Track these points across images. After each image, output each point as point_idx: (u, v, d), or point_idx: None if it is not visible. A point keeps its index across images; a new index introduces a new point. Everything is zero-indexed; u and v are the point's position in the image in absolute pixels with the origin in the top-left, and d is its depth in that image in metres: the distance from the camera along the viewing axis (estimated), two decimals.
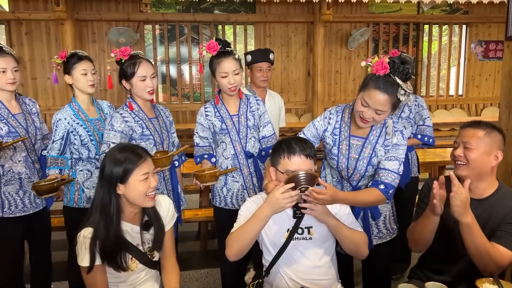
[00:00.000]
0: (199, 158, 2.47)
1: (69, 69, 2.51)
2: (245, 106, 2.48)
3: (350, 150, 2.04)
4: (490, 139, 1.73)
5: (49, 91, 6.95)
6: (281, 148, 1.75)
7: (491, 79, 8.21)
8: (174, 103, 7.43)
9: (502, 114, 2.59)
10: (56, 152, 2.47)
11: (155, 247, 1.79)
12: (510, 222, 1.70)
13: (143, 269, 1.78)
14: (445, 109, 8.08)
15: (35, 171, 2.51)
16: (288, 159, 1.71)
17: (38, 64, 6.84)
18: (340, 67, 7.74)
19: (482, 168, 1.74)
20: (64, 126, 2.46)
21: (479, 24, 7.98)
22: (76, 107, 2.53)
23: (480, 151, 1.73)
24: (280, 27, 7.43)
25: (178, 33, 7.20)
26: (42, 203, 2.56)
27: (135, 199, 1.67)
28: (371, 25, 7.65)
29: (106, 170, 1.64)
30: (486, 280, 1.54)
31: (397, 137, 2.00)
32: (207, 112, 2.45)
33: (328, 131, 2.09)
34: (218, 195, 2.50)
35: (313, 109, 7.25)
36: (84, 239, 1.64)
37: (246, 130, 2.44)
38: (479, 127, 1.76)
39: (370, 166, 2.02)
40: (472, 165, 1.73)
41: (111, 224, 1.65)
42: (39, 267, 2.69)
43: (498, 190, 1.78)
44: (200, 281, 3.21)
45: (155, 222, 1.78)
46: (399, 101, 1.84)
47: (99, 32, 6.95)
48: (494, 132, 1.75)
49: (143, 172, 1.65)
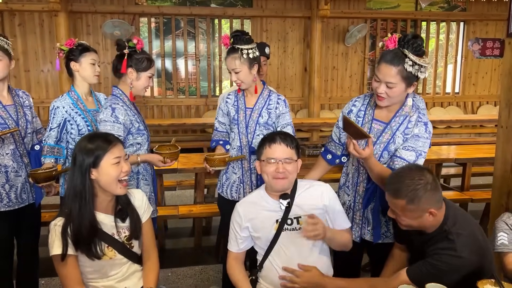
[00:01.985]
0: (215, 142, 2.53)
1: (77, 56, 2.48)
2: (263, 102, 2.43)
3: (370, 133, 1.96)
4: (414, 206, 1.58)
5: (42, 83, 6.86)
6: (264, 139, 1.87)
7: (487, 77, 8.21)
8: (169, 97, 7.36)
9: (502, 112, 2.56)
10: (53, 141, 2.45)
11: (133, 236, 1.77)
12: (428, 261, 1.62)
13: (124, 262, 1.76)
14: (441, 107, 8.07)
15: (22, 165, 2.45)
16: (269, 148, 1.81)
17: (31, 56, 6.74)
18: (337, 63, 7.70)
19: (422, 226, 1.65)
20: (62, 115, 2.45)
21: (477, 22, 7.96)
22: (75, 96, 2.50)
23: (410, 218, 1.62)
24: (277, 22, 7.37)
25: (174, 26, 7.11)
26: (29, 198, 2.49)
27: (107, 185, 1.67)
28: (368, 21, 7.61)
29: (77, 158, 1.66)
30: (488, 282, 1.51)
31: (419, 128, 1.92)
32: (228, 98, 2.50)
33: (352, 113, 2.06)
34: (220, 180, 2.54)
35: (309, 105, 7.21)
36: (55, 226, 1.64)
37: (255, 126, 2.41)
38: (399, 196, 1.60)
39: (386, 152, 1.95)
40: (410, 227, 1.67)
41: (85, 209, 1.64)
42: (26, 265, 2.61)
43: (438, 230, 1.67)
44: (194, 278, 3.17)
45: (129, 211, 1.78)
46: (410, 73, 1.79)
47: (94, 25, 6.86)
48: (416, 196, 1.57)
49: (114, 156, 1.67)
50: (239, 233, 1.88)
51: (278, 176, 1.78)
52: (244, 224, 1.87)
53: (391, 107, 1.94)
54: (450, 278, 1.57)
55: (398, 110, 1.93)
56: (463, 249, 1.58)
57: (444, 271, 1.58)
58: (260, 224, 1.84)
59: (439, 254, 1.60)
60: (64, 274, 1.64)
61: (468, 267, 1.59)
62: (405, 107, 1.93)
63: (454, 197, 3.75)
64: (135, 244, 1.79)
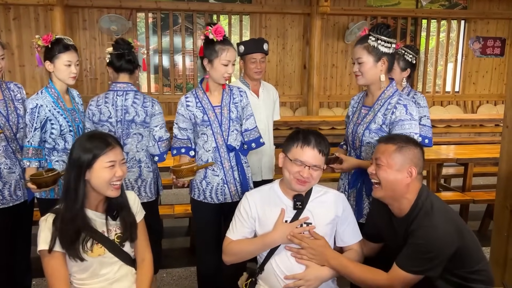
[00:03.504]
0: (176, 150, 2.41)
1: (52, 56, 2.37)
2: (228, 98, 2.39)
3: (358, 117, 2.17)
4: (400, 155, 1.65)
5: (37, 78, 6.75)
6: (298, 136, 1.74)
7: (488, 76, 8.15)
8: (167, 93, 7.27)
9: (508, 112, 2.49)
10: (37, 142, 2.36)
11: (126, 237, 1.73)
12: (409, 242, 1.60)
13: (115, 261, 1.70)
14: (441, 106, 8.01)
15: (16, 161, 2.38)
16: (301, 149, 1.71)
17: (26, 51, 6.63)
18: (337, 60, 7.63)
19: (396, 187, 1.65)
20: (45, 113, 2.35)
21: (478, 20, 7.89)
22: (56, 94, 2.40)
23: (391, 168, 1.64)
24: (277, 19, 7.29)
25: (172, 22, 7.02)
26: (24, 195, 2.43)
27: (99, 187, 1.64)
28: (368, 19, 7.53)
29: (74, 156, 1.63)
30: None
31: (400, 110, 2.03)
32: (188, 102, 2.37)
33: (351, 105, 2.32)
34: (197, 187, 2.42)
35: (308, 103, 7.13)
36: (44, 222, 1.62)
37: (228, 123, 2.36)
38: (391, 142, 1.69)
39: (367, 131, 2.09)
40: (384, 185, 1.66)
41: (75, 206, 1.62)
42: (18, 264, 2.54)
43: (414, 208, 1.67)
44: (189, 279, 3.10)
45: (121, 209, 1.74)
46: (374, 47, 2.01)
47: (90, 19, 6.76)
48: (406, 146, 1.66)
49: (109, 159, 1.63)
50: (246, 221, 1.81)
51: (301, 179, 1.71)
52: (253, 214, 1.80)
53: (374, 93, 2.12)
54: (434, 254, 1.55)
55: (381, 95, 2.09)
56: (438, 219, 1.59)
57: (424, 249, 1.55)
58: (268, 221, 1.78)
59: (416, 230, 1.60)
60: (50, 272, 1.60)
61: (448, 243, 1.56)
62: (387, 91, 2.09)
63: (455, 198, 3.68)
64: (126, 245, 1.74)
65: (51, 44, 2.36)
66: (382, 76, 2.07)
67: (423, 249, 1.56)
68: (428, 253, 1.55)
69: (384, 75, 2.07)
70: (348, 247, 1.85)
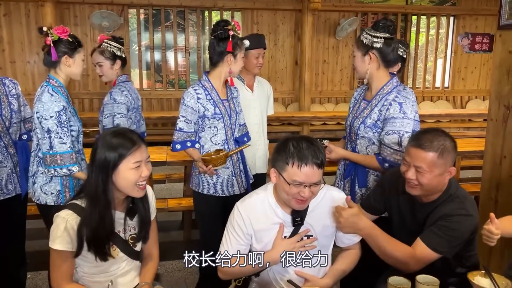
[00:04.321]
0: (181, 145, 2.39)
1: (73, 50, 2.29)
2: (230, 93, 2.48)
3: (357, 111, 2.22)
4: (443, 160, 1.62)
5: (29, 75, 6.72)
6: (290, 152, 1.51)
7: (476, 71, 8.26)
8: (159, 90, 7.28)
9: (492, 105, 2.57)
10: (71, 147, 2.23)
11: (140, 238, 1.70)
12: (440, 224, 1.65)
13: (124, 259, 1.69)
14: (431, 101, 8.11)
15: (8, 155, 2.39)
16: (298, 169, 1.49)
17: (17, 47, 6.60)
18: (328, 56, 7.68)
19: (436, 188, 1.69)
20: (66, 115, 2.22)
21: (466, 16, 7.99)
22: (65, 94, 2.31)
23: (433, 174, 1.63)
24: (268, 15, 7.32)
25: (163, 18, 7.02)
26: (15, 190, 2.43)
27: (124, 188, 1.57)
28: (359, 15, 7.59)
29: (99, 156, 1.53)
30: (478, 273, 1.51)
31: (394, 108, 2.04)
32: (198, 94, 2.38)
33: (353, 96, 2.37)
34: (207, 182, 2.45)
35: (300, 99, 7.19)
36: (63, 220, 1.53)
37: (236, 116, 2.44)
38: (431, 149, 1.61)
39: (362, 125, 2.13)
40: (426, 188, 1.67)
41: (106, 212, 1.55)
42: (13, 258, 2.55)
43: (443, 195, 1.72)
44: (183, 271, 3.15)
45: (142, 211, 1.69)
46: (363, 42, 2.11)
47: (81, 15, 6.74)
48: (446, 149, 1.62)
49: (135, 160, 1.54)
50: (242, 239, 1.65)
51: (301, 199, 1.54)
52: (248, 231, 1.65)
53: (373, 87, 2.17)
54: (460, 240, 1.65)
55: (380, 90, 2.13)
56: (470, 208, 1.68)
57: (456, 234, 1.64)
58: (266, 239, 1.65)
59: (452, 216, 1.64)
60: (56, 267, 1.56)
61: (474, 226, 1.68)
62: (386, 86, 2.12)
63: None
64: (138, 246, 1.72)
65: (71, 37, 2.29)
66: (369, 70, 2.12)
67: (456, 234, 1.63)
68: (459, 238, 1.64)
69: (377, 70, 2.12)
70: (348, 247, 1.79)
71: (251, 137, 2.78)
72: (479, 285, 1.45)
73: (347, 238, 1.75)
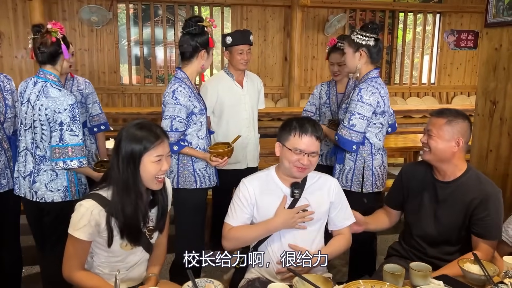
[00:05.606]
0: (177, 146, 2.39)
1: (68, 46, 2.39)
2: None
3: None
4: (450, 127, 1.82)
5: (16, 70, 6.64)
6: (293, 125, 1.78)
7: (462, 68, 8.40)
8: (148, 85, 7.26)
9: (479, 100, 2.65)
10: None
11: (158, 228, 1.74)
12: (481, 217, 1.78)
13: (140, 251, 1.72)
14: (418, 97, 8.23)
15: (2, 150, 2.39)
16: (299, 138, 1.75)
17: (4, 41, 6.48)
18: (317, 52, 7.73)
19: (444, 154, 1.84)
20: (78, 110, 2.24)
21: (452, 14, 8.11)
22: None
23: (440, 139, 1.83)
24: (258, 10, 7.34)
25: (153, 13, 6.99)
26: (9, 185, 2.41)
27: (144, 180, 1.60)
28: (348, 11, 7.66)
29: (125, 148, 1.56)
30: (468, 260, 1.58)
31: (355, 92, 2.39)
32: (188, 92, 2.39)
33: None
34: (203, 175, 2.49)
35: (289, 95, 7.24)
36: (88, 210, 1.55)
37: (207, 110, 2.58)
38: (442, 116, 1.86)
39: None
40: (434, 151, 1.85)
41: (140, 205, 1.60)
42: (8, 253, 2.53)
43: (465, 173, 1.86)
44: None
45: (162, 202, 1.73)
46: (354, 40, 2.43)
47: (70, 10, 6.66)
48: (455, 120, 1.83)
49: (157, 153, 1.58)
50: (246, 208, 1.83)
51: (301, 166, 1.76)
52: (252, 201, 1.83)
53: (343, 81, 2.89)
54: None
55: (348, 82, 2.78)
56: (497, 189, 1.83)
57: (500, 213, 1.81)
58: (266, 208, 1.82)
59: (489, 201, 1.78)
60: (71, 254, 1.60)
61: None
62: (363, 78, 2.44)
63: None
64: (154, 236, 1.75)
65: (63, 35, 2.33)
66: (359, 65, 2.45)
67: (499, 214, 1.80)
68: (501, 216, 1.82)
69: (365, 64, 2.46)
70: (339, 231, 1.93)
71: (242, 132, 2.86)
72: (469, 271, 1.52)
73: (339, 221, 1.92)
